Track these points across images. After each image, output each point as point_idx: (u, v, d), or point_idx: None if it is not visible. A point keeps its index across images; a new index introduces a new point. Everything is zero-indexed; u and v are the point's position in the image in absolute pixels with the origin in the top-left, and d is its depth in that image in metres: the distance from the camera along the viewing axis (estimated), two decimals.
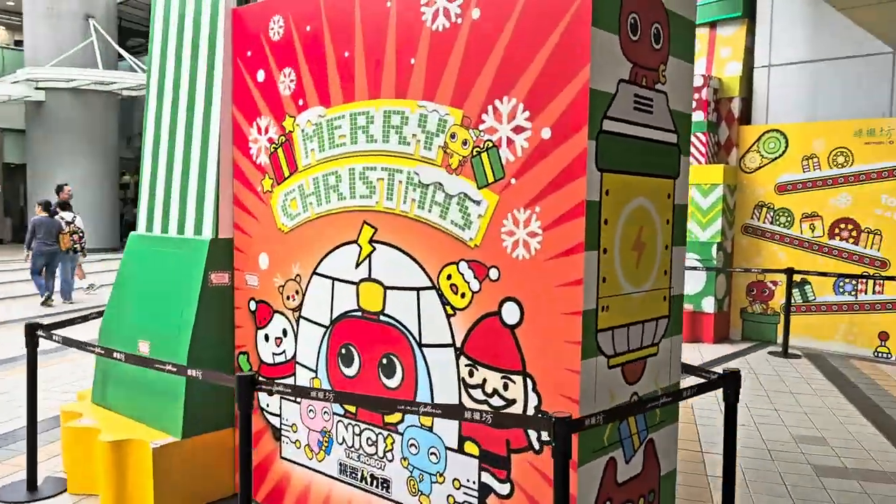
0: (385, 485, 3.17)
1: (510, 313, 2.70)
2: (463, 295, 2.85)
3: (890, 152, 7.92)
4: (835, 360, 7.94)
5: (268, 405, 3.74)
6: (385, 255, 3.12)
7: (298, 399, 3.53)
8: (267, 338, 3.71)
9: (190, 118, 3.97)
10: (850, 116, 8.32)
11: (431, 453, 2.99)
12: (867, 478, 4.42)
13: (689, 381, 5.29)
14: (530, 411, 2.66)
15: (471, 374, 2.84)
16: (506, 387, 2.73)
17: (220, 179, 3.79)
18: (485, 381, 2.80)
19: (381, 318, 3.14)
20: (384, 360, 3.14)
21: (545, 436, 2.62)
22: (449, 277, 2.89)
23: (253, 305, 3.78)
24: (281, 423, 3.65)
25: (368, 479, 3.23)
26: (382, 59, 3.07)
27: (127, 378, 4.04)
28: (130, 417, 4.02)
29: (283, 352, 3.62)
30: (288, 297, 3.57)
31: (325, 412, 3.41)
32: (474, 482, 2.84)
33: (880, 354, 8.06)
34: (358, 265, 3.23)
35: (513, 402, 2.72)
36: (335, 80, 3.27)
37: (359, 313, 3.23)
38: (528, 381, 2.66)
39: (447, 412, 2.59)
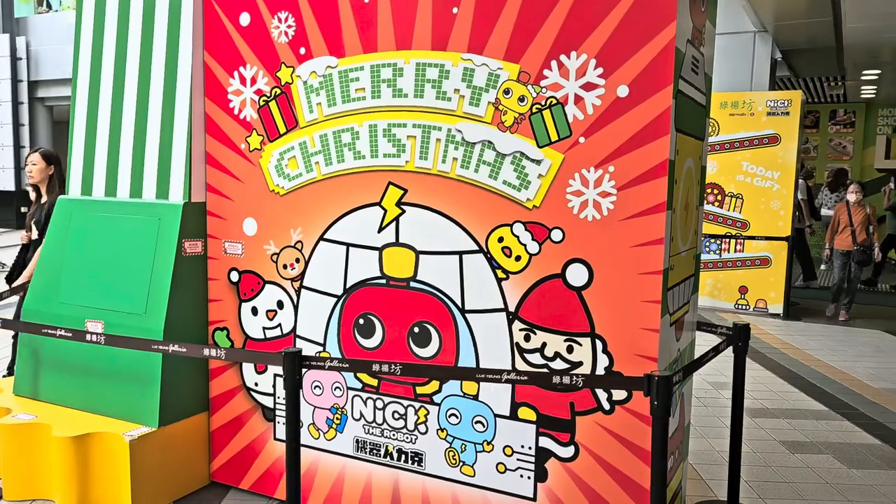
0: (417, 458, 3.02)
1: (576, 275, 2.66)
2: (518, 258, 2.76)
3: (750, 123, 8.74)
4: (703, 313, 8.73)
5: (256, 384, 3.41)
6: (418, 218, 2.93)
7: (302, 374, 3.25)
8: (255, 311, 3.37)
9: (145, 66, 3.45)
10: (717, 90, 9.06)
11: (477, 422, 2.89)
12: (790, 416, 4.93)
13: None
14: (600, 373, 2.65)
15: (527, 339, 2.77)
16: (570, 349, 2.70)
17: (191, 135, 3.35)
18: (544, 344, 2.74)
19: (412, 284, 2.97)
20: (416, 329, 2.97)
21: (618, 395, 2.62)
22: (501, 240, 2.78)
23: (235, 276, 3.41)
24: (275, 403, 3.35)
25: (395, 455, 3.07)
26: (415, 6, 2.85)
27: (74, 364, 3.50)
28: (79, 409, 3.49)
29: (279, 325, 3.31)
30: (285, 266, 3.26)
31: (337, 387, 3.18)
32: (530, 447, 2.79)
33: (740, 306, 8.97)
34: (381, 229, 3.01)
35: (578, 364, 2.69)
36: (350, 27, 2.99)
37: (382, 281, 3.03)
38: (598, 342, 2.64)
39: (533, 379, 2.51)
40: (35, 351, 3.64)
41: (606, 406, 2.65)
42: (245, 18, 3.25)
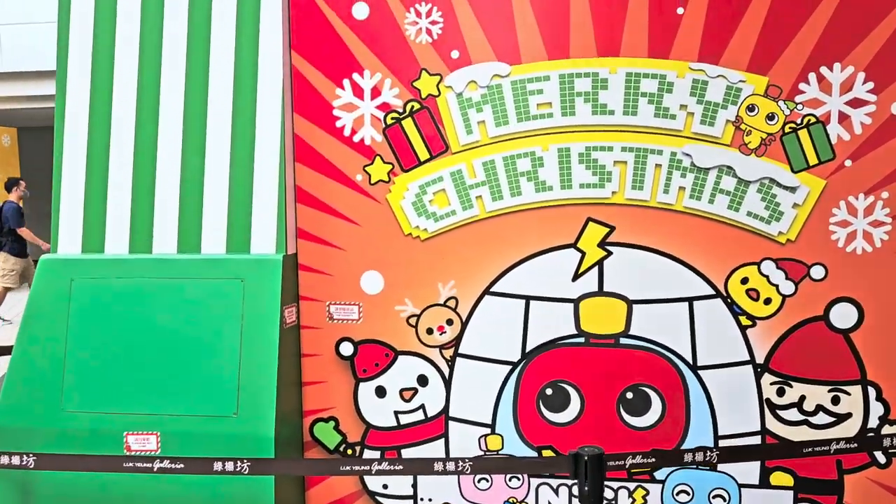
0: None
1: (843, 316, 2.34)
2: (767, 301, 2.37)
3: None
4: None
5: (385, 486, 2.62)
6: (629, 260, 2.41)
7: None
8: (382, 392, 2.58)
9: (199, 63, 2.49)
10: None
11: (715, 496, 2.45)
12: None
13: None
14: (873, 423, 2.36)
15: (780, 393, 2.39)
16: (836, 400, 2.37)
17: (283, 165, 2.48)
18: (802, 398, 2.39)
19: (623, 341, 2.44)
20: (629, 395, 2.45)
21: None
22: (744, 281, 2.38)
23: (348, 349, 2.58)
24: None
25: None
26: (625, 4, 2.34)
27: (111, 498, 2.42)
28: None
29: (420, 407, 2.57)
30: (430, 331, 2.53)
31: (514, 476, 2.54)
32: None
33: None
34: (578, 276, 2.44)
35: (846, 416, 2.37)
36: (529, 26, 2.38)
37: (580, 339, 2.46)
38: (871, 389, 2.35)
39: (864, 445, 2.14)
40: (24, 482, 2.48)
41: (882, 459, 2.37)
42: (361, 10, 2.46)
